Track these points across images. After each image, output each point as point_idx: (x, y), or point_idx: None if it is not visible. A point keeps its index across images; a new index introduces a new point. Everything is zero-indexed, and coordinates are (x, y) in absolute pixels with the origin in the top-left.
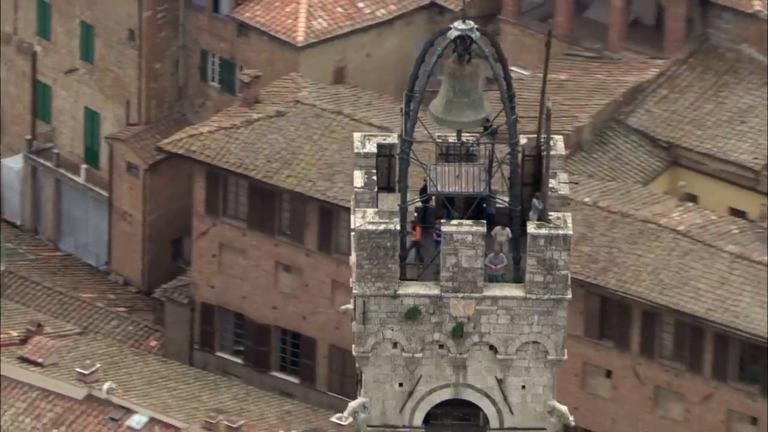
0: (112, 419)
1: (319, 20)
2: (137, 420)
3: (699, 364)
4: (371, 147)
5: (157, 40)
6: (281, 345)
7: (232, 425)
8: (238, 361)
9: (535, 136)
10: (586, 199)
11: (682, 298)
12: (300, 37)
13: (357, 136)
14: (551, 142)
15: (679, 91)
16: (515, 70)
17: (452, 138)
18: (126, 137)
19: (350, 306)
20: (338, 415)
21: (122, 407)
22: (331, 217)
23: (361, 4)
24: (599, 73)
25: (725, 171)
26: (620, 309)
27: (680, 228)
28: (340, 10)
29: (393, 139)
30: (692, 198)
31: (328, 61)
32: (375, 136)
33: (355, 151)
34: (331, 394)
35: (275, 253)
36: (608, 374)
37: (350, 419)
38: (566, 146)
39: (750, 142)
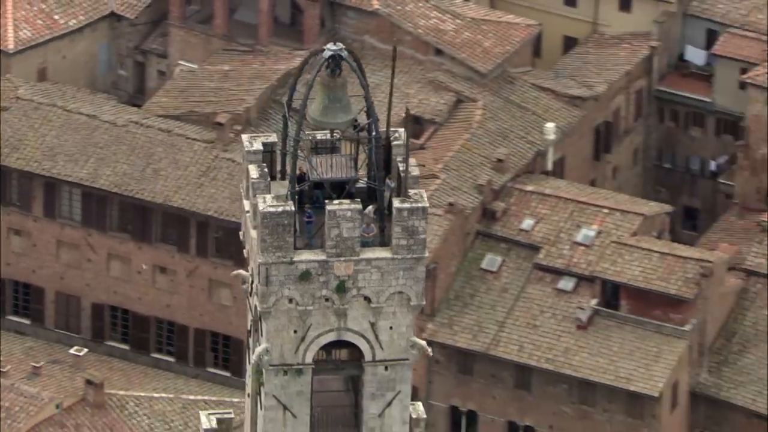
0: None
1: (24, 31)
2: None
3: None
4: (258, 145)
5: None
6: (14, 294)
7: None
8: None
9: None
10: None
11: None
12: (10, 46)
13: (245, 137)
14: (397, 134)
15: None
16: (185, 64)
17: (320, 135)
18: None
19: (242, 272)
20: None
21: None
22: (54, 189)
23: (56, 17)
24: (255, 63)
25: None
26: None
27: None
28: (40, 22)
29: (273, 138)
30: None
31: (33, 64)
32: (259, 136)
33: (246, 149)
34: (58, 330)
35: (8, 221)
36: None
37: (254, 359)
38: (238, 123)
39: (380, 113)
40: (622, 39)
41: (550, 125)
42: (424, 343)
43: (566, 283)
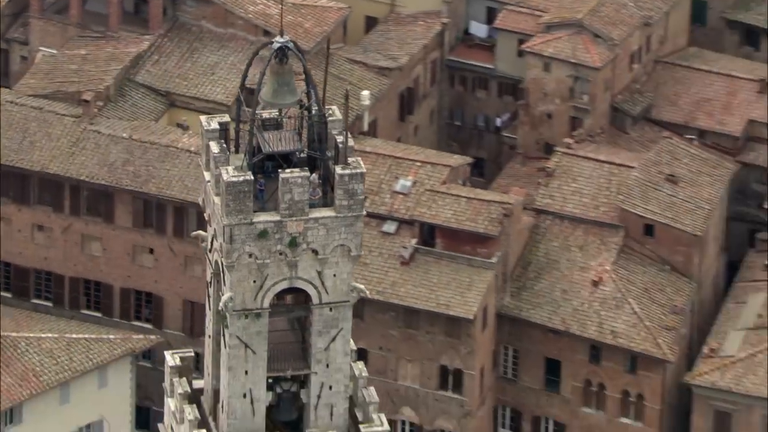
0: None
1: None
2: None
3: None
4: (215, 125)
5: None
6: None
7: None
8: None
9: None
10: (124, 135)
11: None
12: None
13: (203, 118)
14: (330, 112)
15: (166, 56)
16: (45, 50)
17: (266, 114)
18: None
19: (201, 232)
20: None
21: None
22: None
23: None
24: (108, 47)
25: (206, 107)
26: (158, 207)
27: (192, 148)
28: None
29: (227, 118)
30: (186, 128)
31: None
32: (215, 117)
33: (204, 128)
34: None
35: None
36: (151, 251)
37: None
38: (100, 99)
39: (220, 87)
40: (417, 17)
41: (365, 93)
42: (362, 286)
43: (389, 227)
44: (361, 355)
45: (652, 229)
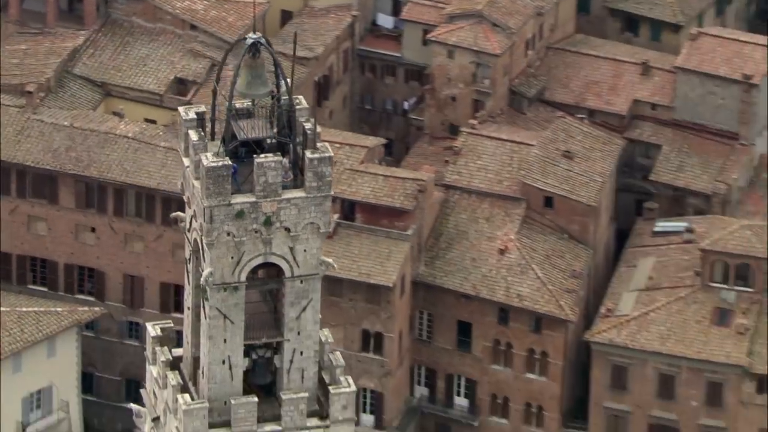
0: None
1: None
2: None
3: (153, 216)
4: (192, 114)
5: None
6: None
7: None
8: None
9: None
10: (65, 123)
11: (140, 178)
12: None
13: (181, 109)
14: (297, 101)
15: (101, 49)
16: None
17: (239, 104)
18: None
19: (179, 213)
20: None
21: None
22: None
23: None
24: (46, 42)
25: (140, 96)
26: (99, 189)
27: (129, 135)
28: None
29: (203, 108)
30: (123, 116)
31: None
32: (192, 107)
33: (183, 118)
34: None
35: None
36: (93, 230)
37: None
38: (42, 91)
39: (152, 77)
40: (329, 10)
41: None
42: (330, 260)
43: None
44: None
45: (551, 200)
